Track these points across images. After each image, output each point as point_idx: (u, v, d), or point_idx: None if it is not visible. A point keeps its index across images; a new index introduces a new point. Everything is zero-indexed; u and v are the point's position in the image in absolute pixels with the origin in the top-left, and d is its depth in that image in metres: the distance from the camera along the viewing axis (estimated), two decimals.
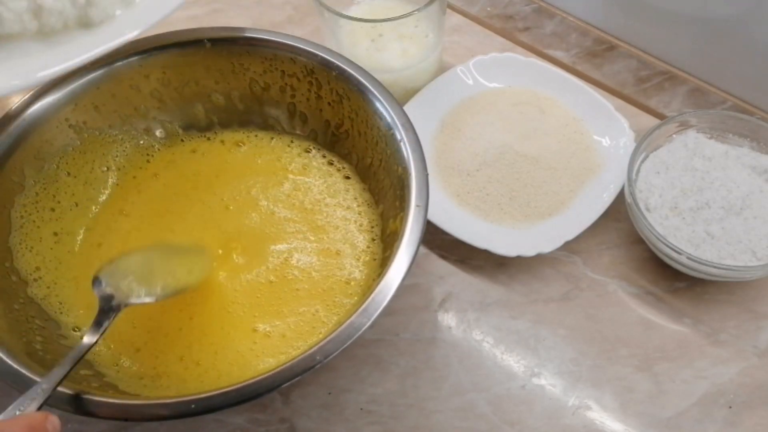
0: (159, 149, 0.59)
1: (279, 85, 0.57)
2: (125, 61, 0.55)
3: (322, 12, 0.58)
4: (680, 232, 0.54)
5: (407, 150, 0.49)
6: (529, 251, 0.56)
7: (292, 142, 0.59)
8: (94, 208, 0.57)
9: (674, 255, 0.53)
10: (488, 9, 0.73)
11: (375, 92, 0.52)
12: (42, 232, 0.53)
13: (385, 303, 0.42)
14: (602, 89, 0.67)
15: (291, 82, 0.56)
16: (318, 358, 0.41)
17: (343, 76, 0.53)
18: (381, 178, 0.54)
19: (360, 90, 0.53)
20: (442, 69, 0.66)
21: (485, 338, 0.55)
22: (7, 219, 0.52)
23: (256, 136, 0.59)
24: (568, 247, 0.57)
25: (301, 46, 0.54)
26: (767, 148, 0.57)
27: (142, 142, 0.58)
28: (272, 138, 0.59)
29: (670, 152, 0.57)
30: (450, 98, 0.64)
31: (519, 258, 0.56)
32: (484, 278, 0.57)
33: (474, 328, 0.55)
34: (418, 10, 0.56)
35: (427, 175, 0.48)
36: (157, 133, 0.59)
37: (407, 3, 0.62)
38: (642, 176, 0.57)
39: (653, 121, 0.64)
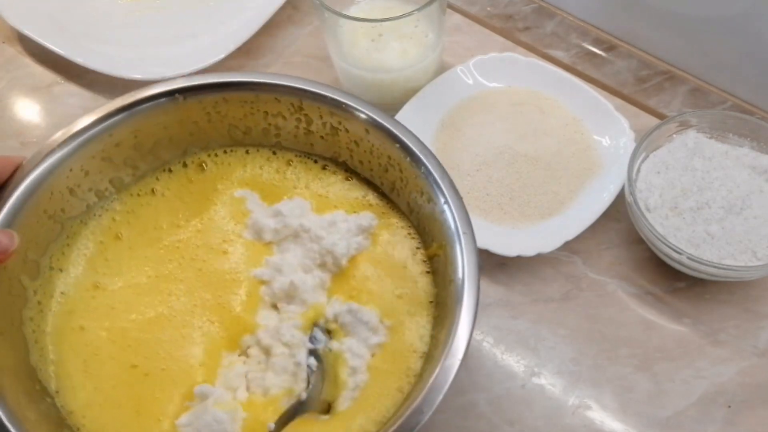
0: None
1: (262, 127, 0.53)
2: (93, 132, 0.49)
3: (321, 12, 0.58)
4: (680, 232, 0.54)
5: (429, 177, 0.47)
6: (529, 251, 0.56)
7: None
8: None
9: (674, 255, 0.53)
10: (488, 9, 0.73)
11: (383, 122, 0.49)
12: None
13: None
14: (602, 89, 0.67)
15: (275, 122, 0.53)
16: None
17: (339, 107, 0.50)
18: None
19: (361, 118, 0.50)
20: (442, 69, 0.66)
21: (485, 338, 0.55)
22: (22, 339, 0.46)
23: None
24: (568, 247, 0.56)
25: (286, 83, 0.50)
26: (767, 148, 0.57)
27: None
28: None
29: (670, 152, 0.57)
30: (450, 98, 0.64)
31: (519, 258, 0.56)
32: (484, 278, 0.57)
33: (474, 328, 0.55)
34: (418, 9, 0.56)
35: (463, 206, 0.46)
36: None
37: (407, 3, 0.62)
38: (642, 176, 0.57)
39: (653, 121, 0.64)
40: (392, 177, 0.51)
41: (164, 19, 0.73)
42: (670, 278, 0.57)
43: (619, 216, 0.59)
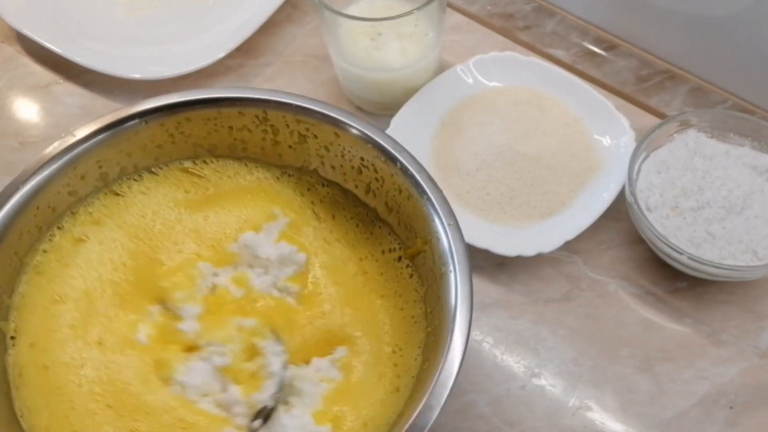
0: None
1: (227, 143, 0.52)
2: (57, 165, 0.47)
3: (321, 11, 0.58)
4: (681, 231, 0.54)
5: (407, 173, 0.46)
6: (529, 251, 0.55)
7: None
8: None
9: (675, 255, 0.53)
10: (488, 8, 0.73)
11: (350, 122, 0.48)
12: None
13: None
14: (603, 88, 0.66)
15: (241, 136, 0.51)
16: None
17: (305, 113, 0.49)
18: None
19: (329, 121, 0.48)
20: (441, 68, 0.65)
21: (485, 338, 0.55)
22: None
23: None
24: (569, 246, 0.56)
25: (248, 96, 0.49)
26: None
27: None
28: None
29: (671, 152, 0.57)
30: (450, 97, 0.64)
31: (519, 258, 0.56)
32: (484, 278, 0.57)
33: (474, 328, 0.55)
34: (417, 8, 0.56)
35: (444, 197, 0.45)
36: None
37: (407, 2, 0.62)
38: (642, 176, 0.57)
39: (654, 121, 0.63)
40: (367, 178, 0.50)
41: (163, 18, 0.73)
42: (671, 278, 0.57)
43: (620, 216, 0.59)
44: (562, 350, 0.54)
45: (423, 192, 0.45)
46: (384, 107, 0.65)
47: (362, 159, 0.49)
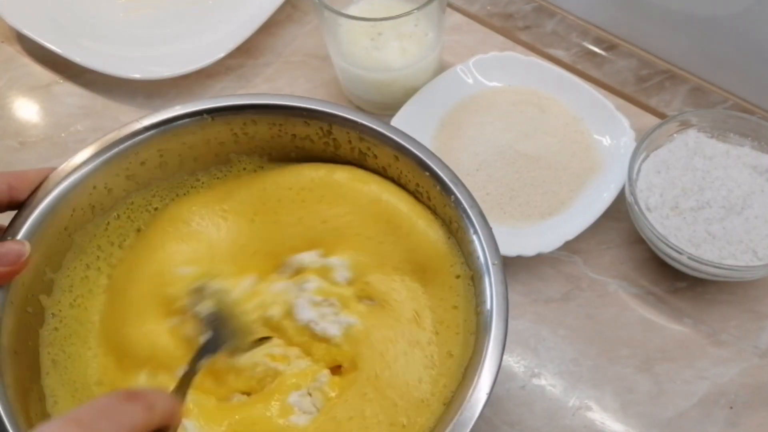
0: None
1: (289, 150, 0.52)
2: (119, 149, 0.48)
3: (321, 11, 0.58)
4: (681, 231, 0.54)
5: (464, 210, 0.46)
6: (529, 251, 0.55)
7: None
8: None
9: (675, 255, 0.53)
10: (488, 8, 0.73)
11: (410, 147, 0.47)
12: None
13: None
14: (603, 88, 0.66)
15: (303, 145, 0.52)
16: None
17: (369, 133, 0.48)
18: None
19: (391, 145, 0.48)
20: (441, 68, 0.65)
21: None
22: (37, 359, 0.46)
23: None
24: (569, 246, 0.56)
25: (317, 108, 0.49)
26: None
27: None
28: None
29: (671, 152, 0.57)
30: (450, 97, 0.64)
31: (519, 258, 0.56)
32: None
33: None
34: (417, 8, 0.56)
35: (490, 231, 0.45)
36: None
37: (407, 2, 0.62)
38: (642, 176, 0.56)
39: (654, 121, 0.63)
40: None
41: (163, 18, 0.73)
42: (671, 278, 0.57)
43: (620, 216, 0.59)
44: (562, 350, 0.54)
45: (473, 228, 0.45)
46: (384, 107, 0.65)
47: (417, 185, 0.49)
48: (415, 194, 0.49)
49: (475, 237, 0.44)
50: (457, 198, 0.46)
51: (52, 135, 0.68)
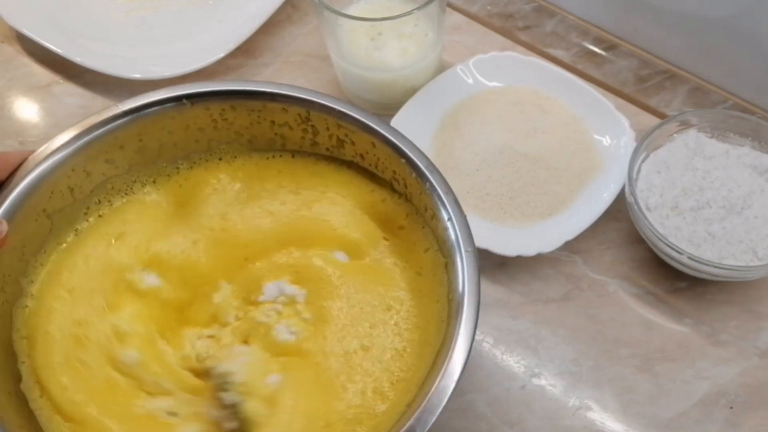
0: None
1: (268, 137, 0.53)
2: (98, 132, 0.49)
3: (321, 11, 0.58)
4: (681, 231, 0.54)
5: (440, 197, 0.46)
6: (529, 251, 0.55)
7: None
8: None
9: (675, 255, 0.53)
10: (488, 8, 0.73)
11: (385, 133, 0.48)
12: None
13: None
14: (603, 88, 0.66)
15: (281, 132, 0.52)
16: None
17: (346, 119, 0.49)
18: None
19: (368, 131, 0.49)
20: (441, 68, 0.65)
21: (485, 338, 0.55)
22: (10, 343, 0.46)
23: None
24: (569, 246, 0.56)
25: (295, 94, 0.50)
26: None
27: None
28: None
29: (671, 152, 0.57)
30: (450, 97, 0.64)
31: (519, 258, 0.56)
32: (484, 278, 0.57)
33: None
34: (417, 8, 0.56)
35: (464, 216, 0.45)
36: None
37: (407, 2, 0.62)
38: (642, 176, 0.57)
39: (654, 121, 0.63)
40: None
41: (163, 18, 0.73)
42: (671, 278, 0.57)
43: (620, 216, 0.59)
44: (562, 350, 0.54)
45: (448, 215, 0.45)
46: (384, 107, 0.65)
47: (394, 172, 0.49)
48: (391, 183, 0.50)
49: (449, 224, 0.44)
50: (432, 184, 0.46)
51: (53, 135, 0.67)
